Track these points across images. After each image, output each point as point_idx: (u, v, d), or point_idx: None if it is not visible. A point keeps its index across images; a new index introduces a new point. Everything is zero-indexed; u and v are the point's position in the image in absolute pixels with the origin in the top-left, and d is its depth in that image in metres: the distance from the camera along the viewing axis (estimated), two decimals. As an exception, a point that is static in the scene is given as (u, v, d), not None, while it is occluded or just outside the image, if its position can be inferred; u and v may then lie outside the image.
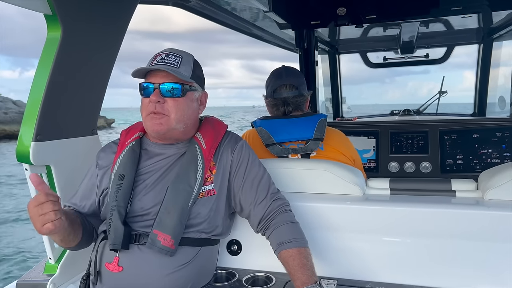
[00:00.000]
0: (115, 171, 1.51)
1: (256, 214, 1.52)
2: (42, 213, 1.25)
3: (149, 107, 1.46)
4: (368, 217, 1.61)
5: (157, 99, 1.44)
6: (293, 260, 1.38)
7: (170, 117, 1.47)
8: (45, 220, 1.25)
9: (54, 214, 1.26)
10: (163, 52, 1.50)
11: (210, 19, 3.10)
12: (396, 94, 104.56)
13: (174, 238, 1.39)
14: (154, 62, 1.47)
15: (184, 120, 1.51)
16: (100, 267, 1.45)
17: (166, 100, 1.46)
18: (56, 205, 1.27)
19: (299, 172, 1.79)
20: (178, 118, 1.48)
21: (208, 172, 1.52)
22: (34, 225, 1.28)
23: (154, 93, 1.45)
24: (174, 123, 1.48)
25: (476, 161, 3.10)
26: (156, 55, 1.50)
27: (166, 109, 1.46)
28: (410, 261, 1.57)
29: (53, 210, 1.26)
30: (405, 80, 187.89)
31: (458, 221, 1.52)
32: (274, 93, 2.12)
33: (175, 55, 1.49)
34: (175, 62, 1.47)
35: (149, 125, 1.48)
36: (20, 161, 1.65)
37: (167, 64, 1.46)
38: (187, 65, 1.51)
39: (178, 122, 1.49)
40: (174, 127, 1.49)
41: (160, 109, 1.45)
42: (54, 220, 1.26)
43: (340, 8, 2.90)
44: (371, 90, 75.53)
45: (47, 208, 1.25)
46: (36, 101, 1.62)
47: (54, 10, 1.57)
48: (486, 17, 3.49)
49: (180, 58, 1.49)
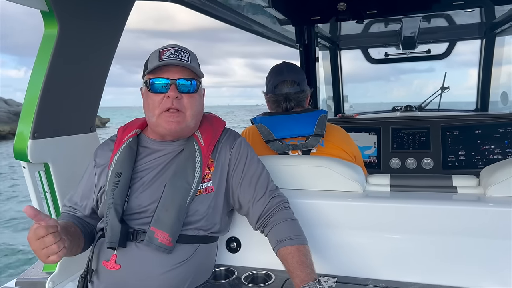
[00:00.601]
0: (112, 169, 1.50)
1: (255, 212, 1.51)
2: (45, 247, 1.22)
3: (165, 103, 1.43)
4: (368, 214, 1.60)
5: (175, 94, 1.42)
6: (292, 258, 1.37)
7: (185, 114, 1.45)
8: (49, 253, 1.23)
9: (57, 246, 1.23)
10: (171, 48, 1.47)
11: (210, 15, 3.08)
12: (401, 92, 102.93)
13: (172, 236, 1.38)
14: (164, 57, 1.44)
15: (196, 116, 1.50)
16: (98, 265, 1.44)
17: (183, 96, 1.44)
18: (57, 236, 1.24)
19: (299, 169, 1.78)
20: (193, 114, 1.48)
21: (206, 169, 1.50)
22: (38, 257, 1.27)
23: (171, 89, 1.42)
24: (189, 120, 1.47)
25: (478, 157, 3.08)
26: (163, 50, 1.46)
27: (182, 106, 1.44)
28: (410, 258, 1.55)
29: (55, 243, 1.23)
30: (410, 78, 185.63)
31: (459, 217, 1.50)
32: (276, 89, 2.10)
33: (183, 51, 1.47)
34: (185, 57, 1.45)
35: (164, 123, 1.45)
36: (18, 159, 1.64)
37: (180, 59, 1.44)
38: (195, 60, 1.50)
39: (193, 119, 1.48)
40: (188, 124, 1.48)
41: (178, 105, 1.43)
42: (58, 252, 1.24)
43: (341, 4, 2.87)
44: (376, 88, 75.72)
45: (49, 242, 1.22)
46: (33, 99, 1.61)
47: (50, 7, 1.56)
48: (488, 12, 3.46)
49: (188, 53, 1.48)
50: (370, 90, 28.76)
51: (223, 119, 1.67)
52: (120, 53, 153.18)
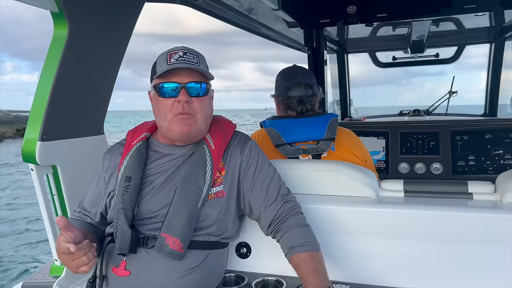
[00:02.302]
0: (121, 173, 1.47)
1: (266, 217, 1.48)
2: (75, 259, 1.23)
3: (176, 107, 1.41)
4: (382, 220, 1.57)
5: (186, 98, 1.40)
6: (305, 265, 1.34)
7: (196, 117, 1.44)
8: (79, 264, 1.24)
9: (87, 258, 1.24)
10: (180, 50, 1.44)
11: (218, 18, 3.07)
12: (413, 96, 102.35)
13: (183, 242, 1.36)
14: (172, 60, 1.41)
15: (207, 120, 1.49)
16: (107, 271, 1.42)
17: (193, 99, 1.42)
18: (86, 247, 1.24)
19: (310, 173, 1.75)
20: (204, 118, 1.46)
21: (217, 173, 1.48)
22: (68, 267, 1.29)
23: (181, 93, 1.40)
24: (200, 123, 1.45)
25: (489, 163, 3.05)
26: (171, 53, 1.43)
27: (193, 109, 1.43)
28: (425, 265, 1.52)
29: (85, 255, 1.23)
30: (421, 81, 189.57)
31: (476, 224, 1.47)
32: (289, 91, 2.07)
33: (192, 53, 1.45)
34: (194, 60, 1.43)
35: (176, 127, 1.43)
36: (26, 161, 1.62)
37: (189, 62, 1.41)
38: (204, 62, 1.47)
39: (203, 122, 1.47)
40: (199, 128, 1.46)
41: (189, 109, 1.41)
42: (88, 263, 1.24)
43: (350, 7, 2.85)
44: (387, 91, 75.17)
45: (79, 255, 1.23)
46: (42, 101, 1.60)
47: (61, 8, 1.54)
48: (498, 16, 3.43)
49: (197, 55, 1.45)
50: (380, 93, 28.54)
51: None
52: (130, 57, 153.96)
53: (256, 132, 2.17)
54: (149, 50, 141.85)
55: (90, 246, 1.26)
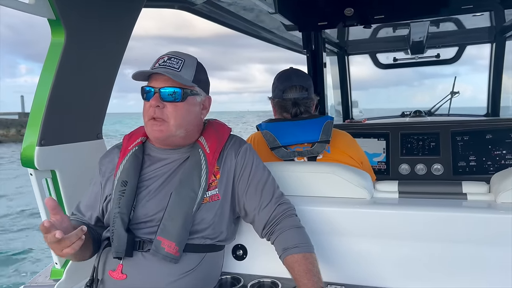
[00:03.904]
0: (117, 177, 1.49)
1: (261, 219, 1.49)
2: (60, 246, 1.24)
3: (149, 111, 1.44)
4: (376, 221, 1.58)
5: (156, 103, 1.42)
6: (298, 266, 1.35)
7: (169, 123, 1.44)
8: (63, 246, 1.25)
9: (69, 241, 1.24)
10: (166, 55, 1.47)
11: (218, 22, 3.09)
12: (425, 97, 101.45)
13: (179, 245, 1.37)
14: (157, 65, 1.45)
15: (184, 126, 1.48)
16: (104, 274, 1.44)
17: (166, 104, 1.44)
18: (73, 239, 1.25)
19: (305, 176, 1.76)
20: (178, 124, 1.46)
21: (212, 176, 1.49)
22: (52, 250, 1.29)
23: (154, 97, 1.42)
24: (173, 129, 1.45)
25: (490, 163, 3.04)
26: (159, 58, 1.47)
27: (165, 115, 1.44)
28: (419, 266, 1.53)
29: (68, 239, 1.24)
30: (434, 83, 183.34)
31: (469, 225, 1.48)
32: (284, 94, 2.09)
33: (178, 58, 1.46)
34: (176, 65, 1.45)
35: (150, 131, 1.47)
36: (25, 166, 1.65)
37: (169, 67, 1.43)
38: (189, 68, 1.48)
39: (178, 128, 1.46)
40: (174, 134, 1.46)
41: (160, 114, 1.43)
42: (71, 245, 1.25)
43: (348, 9, 2.86)
44: (398, 93, 74.61)
45: (65, 244, 1.24)
46: (40, 106, 1.63)
47: (57, 15, 1.57)
48: (498, 16, 3.42)
49: (182, 61, 1.46)
50: (392, 95, 28.21)
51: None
52: (141, 59, 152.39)
53: (252, 135, 2.18)
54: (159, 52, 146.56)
55: (77, 236, 1.25)
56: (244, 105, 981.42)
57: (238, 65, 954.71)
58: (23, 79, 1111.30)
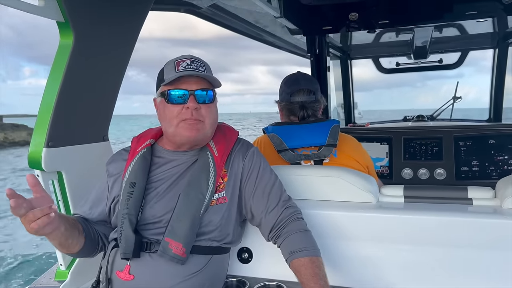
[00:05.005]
0: (126, 179, 1.50)
1: (267, 222, 1.50)
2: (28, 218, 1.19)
3: (183, 114, 1.44)
4: (382, 225, 1.58)
5: (194, 105, 1.43)
6: (305, 269, 1.35)
7: (205, 123, 1.47)
8: (29, 220, 1.19)
9: (33, 215, 1.18)
10: (187, 58, 1.48)
11: (222, 26, 3.11)
12: (428, 98, 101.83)
13: (186, 246, 1.38)
14: (180, 68, 1.45)
15: (213, 126, 1.53)
16: (111, 275, 1.44)
17: (201, 106, 1.46)
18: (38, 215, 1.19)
19: (312, 179, 1.77)
20: (211, 123, 1.50)
21: (220, 179, 1.50)
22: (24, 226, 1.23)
23: (190, 100, 1.44)
24: (208, 129, 1.49)
25: (492, 168, 3.04)
26: (178, 61, 1.47)
27: (201, 115, 1.46)
28: (425, 270, 1.53)
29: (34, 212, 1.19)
30: (437, 84, 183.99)
31: (475, 230, 1.48)
32: (291, 97, 2.10)
33: (199, 61, 1.48)
34: (201, 68, 1.47)
35: (185, 132, 1.46)
36: (32, 167, 1.66)
37: (197, 70, 1.45)
38: (209, 71, 1.51)
39: (211, 128, 1.51)
40: (206, 133, 1.50)
41: (197, 115, 1.45)
42: (37, 220, 1.19)
43: (352, 13, 2.87)
44: (401, 94, 74.91)
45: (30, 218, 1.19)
46: (48, 108, 1.63)
47: (66, 17, 1.58)
48: (501, 22, 3.43)
49: (204, 64, 1.49)
50: (396, 96, 28.15)
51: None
52: (145, 61, 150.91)
53: (259, 138, 2.19)
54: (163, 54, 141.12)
55: (42, 212, 1.19)
56: (247, 107, 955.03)
57: (241, 67, 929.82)
58: (27, 81, 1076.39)
